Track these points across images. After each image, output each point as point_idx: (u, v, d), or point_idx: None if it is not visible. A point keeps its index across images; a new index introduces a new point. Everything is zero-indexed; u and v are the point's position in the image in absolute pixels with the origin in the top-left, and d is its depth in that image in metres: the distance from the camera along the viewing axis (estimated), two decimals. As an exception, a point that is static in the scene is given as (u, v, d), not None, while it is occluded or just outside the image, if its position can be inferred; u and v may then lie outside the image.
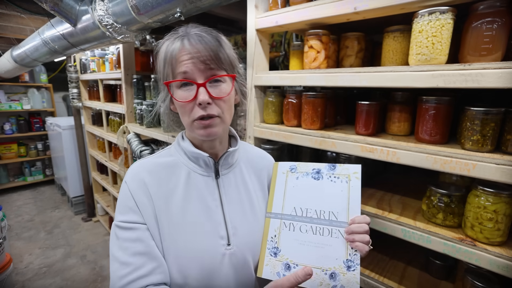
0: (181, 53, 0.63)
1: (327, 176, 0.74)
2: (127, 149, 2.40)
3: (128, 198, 0.66)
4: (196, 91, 0.63)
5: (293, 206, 0.74)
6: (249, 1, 1.21)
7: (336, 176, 0.73)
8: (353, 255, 0.66)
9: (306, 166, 0.76)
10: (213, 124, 0.66)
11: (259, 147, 1.33)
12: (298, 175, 0.76)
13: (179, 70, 0.64)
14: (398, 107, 1.00)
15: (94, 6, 1.59)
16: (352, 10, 0.90)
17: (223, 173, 0.75)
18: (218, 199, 0.73)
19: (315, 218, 0.71)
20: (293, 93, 1.20)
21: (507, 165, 0.67)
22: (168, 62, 0.66)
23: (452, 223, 0.84)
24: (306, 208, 0.72)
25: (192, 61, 0.63)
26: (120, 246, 0.64)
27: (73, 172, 3.78)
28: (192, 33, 0.65)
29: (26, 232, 3.36)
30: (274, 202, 0.76)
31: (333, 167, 0.74)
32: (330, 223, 0.69)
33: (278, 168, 0.80)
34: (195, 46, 0.62)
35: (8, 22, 2.88)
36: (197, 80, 0.64)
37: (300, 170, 0.77)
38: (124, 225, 0.65)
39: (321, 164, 0.75)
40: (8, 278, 2.01)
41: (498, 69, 0.66)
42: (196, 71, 0.63)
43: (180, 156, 0.74)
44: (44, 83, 4.81)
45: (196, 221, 0.69)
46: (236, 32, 2.39)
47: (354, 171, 0.72)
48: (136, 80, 2.26)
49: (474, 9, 0.74)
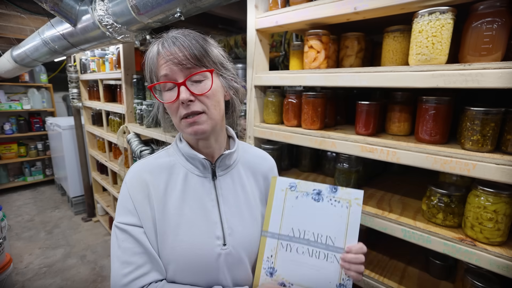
0: (159, 57, 0.66)
1: (328, 199, 0.71)
2: (127, 149, 2.40)
3: (127, 200, 0.69)
4: (178, 90, 0.65)
5: (291, 227, 0.72)
6: (249, 1, 1.21)
7: (337, 200, 0.71)
8: (346, 280, 0.67)
9: (307, 186, 0.73)
10: (199, 121, 0.67)
11: (259, 147, 1.34)
12: (297, 194, 0.73)
13: (161, 74, 0.66)
14: (398, 107, 1.00)
15: (94, 6, 1.59)
16: (352, 10, 0.90)
17: (220, 175, 0.76)
18: (214, 200, 0.73)
19: (312, 240, 0.70)
20: (293, 93, 1.20)
21: (507, 165, 0.67)
22: (149, 68, 0.69)
23: (452, 223, 0.84)
24: (304, 230, 0.71)
25: (168, 64, 0.65)
26: (119, 246, 0.66)
27: (73, 172, 3.78)
28: (168, 37, 0.67)
29: (26, 232, 3.36)
30: (272, 221, 0.74)
31: (335, 190, 0.71)
32: (326, 248, 0.69)
33: (276, 184, 0.75)
34: (169, 50, 0.65)
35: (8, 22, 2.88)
36: (178, 80, 0.66)
37: (300, 189, 0.73)
38: (123, 226, 0.67)
39: (323, 185, 0.72)
40: (8, 278, 2.01)
41: (498, 69, 0.66)
42: (176, 71, 0.65)
43: (178, 157, 0.75)
44: (44, 83, 4.81)
45: (192, 221, 0.69)
46: (236, 32, 2.39)
47: (356, 197, 0.70)
48: (136, 80, 2.26)
49: (474, 9, 0.74)
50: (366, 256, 0.67)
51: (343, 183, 1.13)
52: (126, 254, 0.65)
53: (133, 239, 0.66)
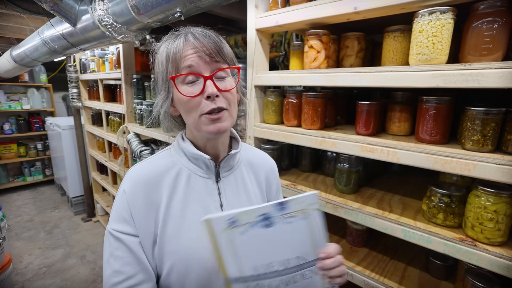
0: (186, 47, 0.63)
1: (280, 220, 0.60)
2: (127, 149, 2.39)
3: (124, 208, 0.65)
4: (204, 84, 0.63)
5: (252, 265, 0.60)
6: (249, 1, 1.21)
7: (291, 215, 0.60)
8: (331, 286, 0.64)
9: (249, 215, 0.59)
10: (223, 118, 0.65)
11: (259, 147, 1.33)
12: (242, 229, 0.59)
13: (184, 65, 0.63)
14: (398, 107, 1.00)
15: (94, 6, 1.58)
16: (352, 10, 0.90)
17: (223, 176, 0.74)
18: (218, 201, 0.72)
19: (282, 270, 0.61)
20: (293, 93, 1.20)
21: (507, 165, 0.67)
22: (172, 58, 0.64)
23: (452, 223, 0.84)
24: (268, 263, 0.61)
25: (197, 54, 0.62)
26: (112, 253, 0.65)
27: (73, 172, 3.77)
28: (194, 30, 0.65)
29: (26, 232, 3.36)
30: (228, 266, 0.59)
31: (283, 207, 0.60)
32: (299, 268, 0.62)
33: (214, 227, 0.57)
34: (200, 40, 0.62)
35: (8, 22, 2.88)
36: (203, 73, 0.63)
37: (242, 222, 0.59)
38: (117, 234, 0.65)
39: (266, 207, 0.59)
40: (8, 278, 2.01)
41: (499, 69, 0.66)
42: (201, 64, 0.63)
43: (180, 157, 0.73)
44: (43, 83, 4.81)
45: (195, 223, 0.68)
46: (236, 32, 2.39)
47: (310, 203, 0.61)
48: (136, 80, 2.26)
49: (474, 9, 0.74)
50: (365, 256, 0.67)
51: (343, 183, 1.13)
52: (118, 263, 0.64)
53: (127, 248, 0.64)
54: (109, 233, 0.66)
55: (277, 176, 0.89)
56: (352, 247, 1.19)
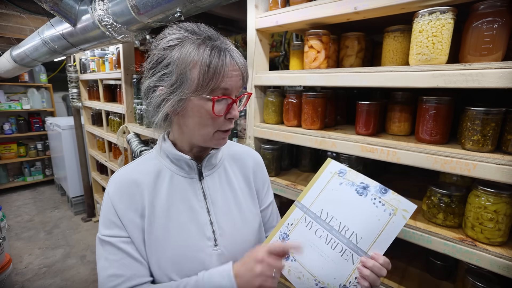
0: (231, 68, 0.62)
1: (373, 197, 0.65)
2: (127, 149, 2.39)
3: (111, 212, 0.66)
4: (229, 105, 0.65)
5: (322, 208, 0.69)
6: (249, 1, 1.21)
7: (382, 203, 0.64)
8: (353, 285, 0.61)
9: (356, 176, 0.69)
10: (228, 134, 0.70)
11: (259, 147, 1.34)
12: (343, 182, 0.70)
13: (223, 85, 0.61)
14: (398, 107, 1.00)
15: (94, 6, 1.58)
16: (352, 10, 0.90)
17: (206, 174, 0.75)
18: (203, 200, 0.72)
19: (335, 229, 0.66)
20: (293, 93, 1.20)
21: (507, 165, 0.67)
22: (212, 72, 0.60)
23: (452, 223, 0.84)
24: (332, 216, 0.67)
25: (237, 78, 0.64)
26: (106, 258, 0.65)
27: (73, 172, 3.77)
28: (229, 47, 0.63)
29: (26, 232, 3.36)
30: (308, 195, 0.73)
31: (384, 191, 0.65)
32: (347, 243, 0.64)
33: (328, 165, 0.75)
34: (240, 63, 0.64)
35: (8, 22, 2.88)
36: (232, 95, 0.65)
37: (348, 178, 0.70)
38: (109, 239, 0.65)
39: (373, 182, 0.67)
40: (8, 278, 2.01)
41: (499, 69, 0.66)
42: (234, 88, 0.64)
43: (162, 159, 0.73)
44: (43, 83, 4.81)
45: (181, 223, 0.68)
46: (236, 32, 2.39)
47: (404, 208, 0.62)
48: (136, 80, 2.26)
49: (474, 9, 0.74)
50: None
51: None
52: (113, 266, 0.64)
53: (120, 251, 0.64)
54: (100, 240, 0.66)
55: (264, 168, 0.89)
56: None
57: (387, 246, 0.61)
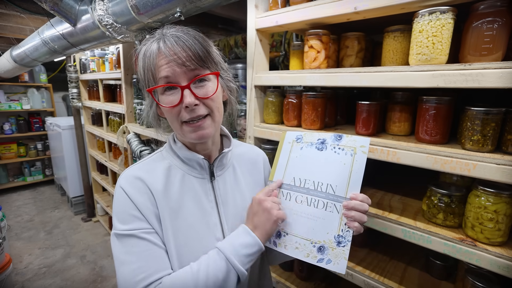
0: (159, 57, 0.61)
1: (331, 147, 0.70)
2: (127, 149, 2.39)
3: (129, 205, 0.64)
4: (181, 94, 0.61)
5: (293, 176, 0.72)
6: (249, 1, 1.21)
7: (341, 148, 0.69)
8: (346, 231, 0.65)
9: (312, 136, 0.74)
10: (204, 125, 0.65)
11: (259, 147, 1.33)
12: (302, 145, 0.74)
13: (160, 75, 0.61)
14: (398, 107, 1.00)
15: (94, 6, 1.58)
16: (352, 10, 0.90)
17: (218, 175, 0.74)
18: (213, 201, 0.72)
19: (312, 189, 0.69)
20: (293, 93, 1.20)
21: (507, 165, 0.67)
22: (147, 68, 0.63)
23: (452, 223, 0.84)
24: (305, 179, 0.70)
25: (170, 64, 0.60)
26: (128, 251, 0.61)
27: (73, 172, 3.77)
28: (168, 34, 0.62)
29: (26, 232, 3.36)
30: (276, 172, 0.76)
31: (339, 138, 0.70)
32: (326, 196, 0.67)
33: (285, 138, 0.78)
34: (172, 49, 0.60)
35: (8, 22, 2.88)
36: (180, 82, 0.62)
37: (305, 140, 0.74)
38: (130, 232, 0.62)
39: (327, 134, 0.72)
40: (8, 278, 2.01)
41: (499, 69, 0.66)
42: (177, 74, 0.61)
43: (173, 159, 0.73)
44: (43, 83, 4.81)
45: (192, 223, 0.68)
46: (236, 32, 2.38)
47: (361, 145, 0.67)
48: (136, 80, 2.26)
49: (474, 9, 0.74)
50: (366, 256, 0.67)
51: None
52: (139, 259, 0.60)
53: (146, 241, 0.62)
54: (119, 235, 0.63)
55: (269, 166, 0.90)
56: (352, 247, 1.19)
57: (360, 183, 0.66)
